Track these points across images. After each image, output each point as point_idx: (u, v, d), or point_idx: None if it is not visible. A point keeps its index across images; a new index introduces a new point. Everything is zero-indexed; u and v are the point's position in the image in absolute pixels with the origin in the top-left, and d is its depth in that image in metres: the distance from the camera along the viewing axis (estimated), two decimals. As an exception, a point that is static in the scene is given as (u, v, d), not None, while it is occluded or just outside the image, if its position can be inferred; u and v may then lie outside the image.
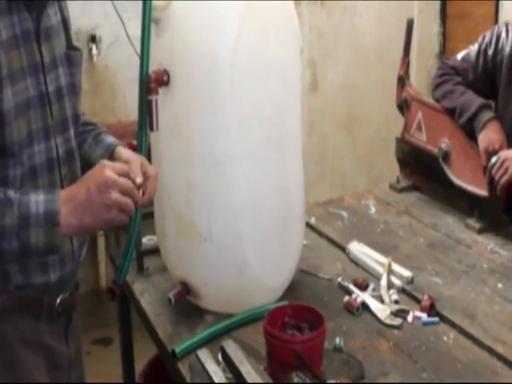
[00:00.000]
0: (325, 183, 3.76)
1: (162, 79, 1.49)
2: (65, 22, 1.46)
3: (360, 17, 3.87)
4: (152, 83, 1.45)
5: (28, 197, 1.23)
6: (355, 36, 3.87)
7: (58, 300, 1.40)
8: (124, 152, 1.51)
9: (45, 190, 1.27)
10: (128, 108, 3.44)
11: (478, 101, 2.18)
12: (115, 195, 1.23)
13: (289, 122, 1.63)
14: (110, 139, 1.59)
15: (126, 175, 1.27)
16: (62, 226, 1.22)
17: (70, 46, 1.47)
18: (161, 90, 1.46)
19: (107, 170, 1.24)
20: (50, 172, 1.37)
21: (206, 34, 1.47)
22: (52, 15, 1.40)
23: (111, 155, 1.52)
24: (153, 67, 1.46)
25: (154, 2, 1.42)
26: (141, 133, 1.48)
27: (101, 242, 3.25)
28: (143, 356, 2.16)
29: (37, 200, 1.22)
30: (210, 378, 1.28)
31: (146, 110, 1.46)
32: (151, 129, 1.46)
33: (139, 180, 1.31)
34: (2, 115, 1.25)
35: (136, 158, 1.42)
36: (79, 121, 1.50)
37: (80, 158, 1.54)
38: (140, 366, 2.15)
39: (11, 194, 1.23)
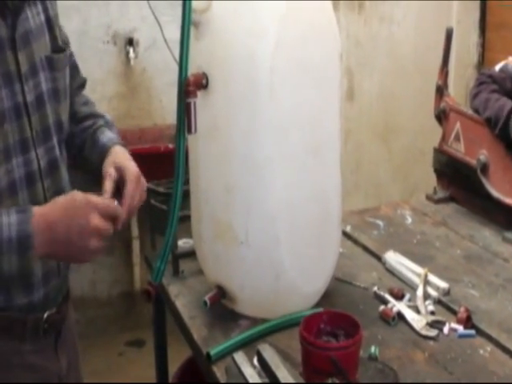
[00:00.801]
0: (360, 192, 3.74)
1: (201, 82, 1.49)
2: (49, 22, 1.41)
3: (398, 25, 3.86)
4: (191, 86, 1.45)
5: (0, 219, 1.18)
6: (392, 45, 3.85)
7: (44, 317, 1.36)
8: (119, 158, 1.45)
9: (17, 209, 1.22)
10: (164, 112, 3.47)
11: (510, 105, 2.15)
12: (94, 242, 1.21)
13: (327, 128, 1.63)
14: (104, 137, 1.53)
15: (112, 215, 1.25)
16: (35, 251, 1.18)
17: (56, 47, 1.42)
18: (199, 93, 1.47)
19: (93, 216, 1.20)
20: (31, 186, 1.33)
21: (246, 37, 1.47)
22: (32, 17, 1.34)
23: (104, 158, 1.47)
24: (191, 70, 1.46)
25: (193, 5, 1.42)
26: (179, 135, 1.47)
27: (136, 245, 3.27)
28: (176, 359, 2.17)
29: (9, 222, 1.18)
30: (246, 380, 1.28)
31: (185, 112, 1.45)
32: (189, 131, 1.46)
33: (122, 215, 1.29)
34: None
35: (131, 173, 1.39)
36: (64, 127, 1.45)
37: (83, 161, 1.53)
38: (173, 368, 2.16)
39: None
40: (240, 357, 1.28)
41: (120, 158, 1.45)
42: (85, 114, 1.59)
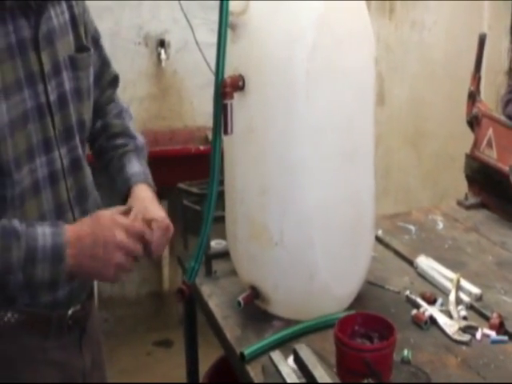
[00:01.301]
0: (389, 197, 3.73)
1: (238, 84, 1.50)
2: (74, 21, 1.41)
3: (428, 31, 3.84)
4: (228, 88, 1.46)
5: (35, 229, 1.21)
6: (423, 50, 3.84)
7: (69, 314, 1.38)
8: (146, 209, 1.42)
9: (50, 223, 1.25)
10: (195, 113, 3.49)
11: None
12: (119, 258, 1.24)
13: (362, 131, 1.63)
14: (131, 168, 1.53)
15: (139, 236, 1.28)
16: (66, 262, 1.21)
17: (79, 46, 1.42)
18: (236, 95, 1.47)
19: (118, 232, 1.24)
20: (54, 185, 1.34)
21: (283, 40, 1.48)
22: (55, 16, 1.35)
23: (128, 191, 1.49)
24: (227, 72, 1.47)
25: (230, 7, 1.43)
26: (215, 136, 1.48)
27: (165, 262, 3.29)
28: (204, 360, 2.18)
29: (43, 232, 1.21)
30: (283, 379, 1.29)
31: (221, 113, 1.46)
32: (226, 133, 1.46)
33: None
34: None
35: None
36: (86, 126, 1.46)
37: (108, 177, 1.54)
38: (201, 369, 2.16)
39: (17, 224, 1.20)
40: (277, 355, 1.29)
41: (146, 206, 1.43)
42: (117, 131, 1.59)
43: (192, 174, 2.92)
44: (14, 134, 1.24)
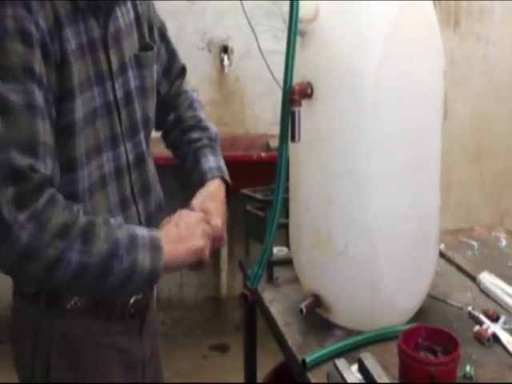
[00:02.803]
0: (449, 214, 3.68)
1: (306, 92, 1.50)
2: (138, 20, 1.45)
3: (494, 46, 3.79)
4: (296, 95, 1.47)
5: (130, 225, 1.28)
6: (488, 65, 3.79)
7: (131, 302, 1.41)
8: (209, 204, 1.50)
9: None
10: (256, 121, 3.50)
11: None
12: (202, 227, 1.32)
13: (429, 146, 1.63)
14: (206, 163, 1.57)
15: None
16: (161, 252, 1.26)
17: (143, 45, 1.45)
18: (303, 102, 1.48)
19: (197, 216, 1.35)
20: (119, 180, 1.38)
21: (351, 50, 1.48)
22: (121, 16, 1.39)
23: (202, 186, 1.54)
24: (295, 79, 1.48)
25: (300, 14, 1.44)
26: (282, 143, 1.50)
27: (224, 250, 3.31)
28: (260, 366, 2.19)
29: (138, 227, 1.28)
30: (349, 387, 1.30)
31: (289, 121, 1.47)
32: (293, 140, 1.47)
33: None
34: (72, 126, 1.26)
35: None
36: (150, 123, 1.50)
37: (184, 172, 1.59)
38: (257, 376, 2.17)
39: (112, 220, 1.25)
40: (342, 363, 1.29)
41: (207, 210, 1.47)
42: (191, 124, 1.63)
43: (253, 180, 2.95)
44: (85, 130, 1.29)
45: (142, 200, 1.46)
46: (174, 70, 1.66)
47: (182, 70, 1.71)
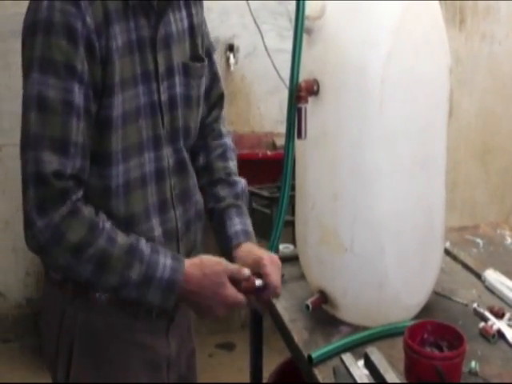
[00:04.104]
0: (455, 212, 3.68)
1: (312, 89, 1.51)
2: (192, 29, 1.45)
3: (499, 44, 3.79)
4: (302, 92, 1.48)
5: (157, 257, 1.28)
6: (493, 63, 3.78)
7: None
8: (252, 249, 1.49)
9: (172, 255, 1.32)
10: (262, 119, 3.50)
11: None
12: (223, 309, 1.34)
13: (435, 141, 1.64)
14: (231, 227, 1.52)
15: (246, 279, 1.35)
16: (178, 296, 1.30)
17: (195, 56, 1.45)
18: (310, 99, 1.49)
19: (227, 281, 1.32)
20: (160, 181, 1.39)
21: (358, 47, 1.49)
22: (174, 22, 1.39)
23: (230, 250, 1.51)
24: (302, 76, 1.49)
25: (307, 11, 1.45)
26: (288, 140, 1.51)
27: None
28: (266, 364, 2.19)
29: (164, 264, 1.28)
30: (356, 382, 1.30)
31: (295, 118, 1.48)
32: (299, 137, 1.48)
33: (258, 283, 1.39)
34: (109, 121, 1.27)
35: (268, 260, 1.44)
36: (191, 134, 1.49)
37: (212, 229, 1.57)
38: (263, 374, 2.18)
39: (143, 246, 1.28)
40: (348, 358, 1.30)
41: (250, 251, 1.49)
42: (220, 177, 1.58)
43: (258, 179, 2.95)
44: (126, 127, 1.30)
45: (180, 205, 1.45)
46: (213, 94, 1.63)
47: (221, 97, 1.67)
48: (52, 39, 1.20)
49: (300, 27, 1.45)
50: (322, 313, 1.67)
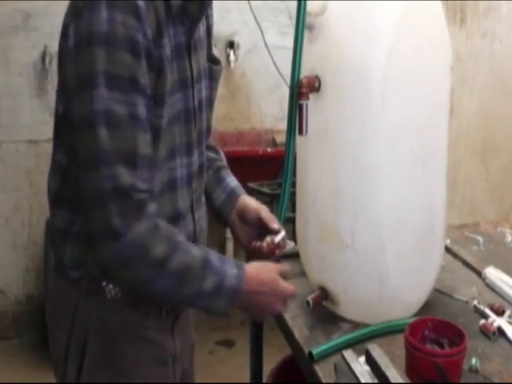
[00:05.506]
0: (455, 209, 3.67)
1: (314, 85, 1.51)
2: (209, 31, 1.47)
3: (500, 42, 3.78)
4: (304, 88, 1.48)
5: (225, 267, 1.30)
6: (494, 61, 3.78)
7: None
8: (249, 202, 1.56)
9: (236, 263, 1.34)
10: (263, 116, 3.51)
11: None
12: (278, 305, 1.38)
13: (436, 139, 1.64)
14: (232, 182, 1.60)
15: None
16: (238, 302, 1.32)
17: (210, 57, 1.47)
18: (311, 96, 1.49)
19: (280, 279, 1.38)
20: (188, 186, 1.40)
21: (360, 44, 1.48)
22: (201, 26, 1.39)
23: (233, 203, 1.57)
24: (303, 72, 1.49)
25: (308, 7, 1.45)
26: (289, 136, 1.50)
27: (229, 245, 3.32)
28: (266, 361, 2.19)
29: (231, 274, 1.30)
30: (357, 378, 1.30)
31: (296, 114, 1.48)
32: (300, 133, 1.48)
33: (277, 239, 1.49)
34: (159, 130, 1.27)
35: (265, 209, 1.53)
36: (210, 134, 1.52)
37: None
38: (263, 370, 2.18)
39: (213, 257, 1.30)
40: (350, 354, 1.30)
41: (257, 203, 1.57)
42: (208, 143, 1.62)
43: (258, 175, 2.96)
44: (166, 135, 1.30)
45: (197, 210, 1.47)
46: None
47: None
48: (116, 53, 1.18)
49: (301, 23, 1.44)
50: (323, 310, 1.67)
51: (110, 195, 1.20)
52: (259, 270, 1.36)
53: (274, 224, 1.51)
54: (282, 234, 1.50)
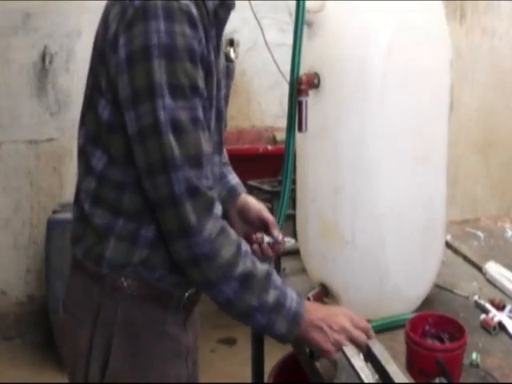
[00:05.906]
0: (456, 206, 3.68)
1: (313, 82, 1.52)
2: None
3: (500, 38, 3.78)
4: (303, 85, 1.48)
5: (286, 289, 1.32)
6: (494, 58, 3.78)
7: (186, 295, 1.44)
8: (250, 201, 1.58)
9: (295, 290, 1.36)
10: (263, 114, 3.51)
11: None
12: (340, 338, 1.33)
13: (436, 135, 1.64)
14: (233, 179, 1.62)
15: (363, 328, 1.36)
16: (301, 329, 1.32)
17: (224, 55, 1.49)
18: (310, 93, 1.49)
19: (346, 319, 1.35)
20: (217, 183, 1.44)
21: (359, 41, 1.49)
22: None
23: (234, 200, 1.58)
24: (303, 69, 1.49)
25: (307, 5, 1.45)
26: (289, 133, 1.51)
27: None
28: (267, 359, 2.20)
29: (291, 296, 1.32)
30: (357, 374, 1.30)
31: (296, 111, 1.48)
32: (300, 130, 1.49)
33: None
34: (210, 131, 1.31)
35: (265, 210, 1.55)
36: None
37: None
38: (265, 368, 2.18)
39: (275, 274, 1.32)
40: (350, 350, 1.30)
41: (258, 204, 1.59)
42: None
43: (259, 173, 2.96)
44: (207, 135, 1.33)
45: None
46: None
47: None
48: (177, 64, 1.20)
49: (300, 20, 1.45)
50: (324, 306, 1.67)
51: (184, 195, 1.23)
52: (321, 307, 1.40)
53: (275, 231, 1.54)
54: (279, 238, 1.53)
